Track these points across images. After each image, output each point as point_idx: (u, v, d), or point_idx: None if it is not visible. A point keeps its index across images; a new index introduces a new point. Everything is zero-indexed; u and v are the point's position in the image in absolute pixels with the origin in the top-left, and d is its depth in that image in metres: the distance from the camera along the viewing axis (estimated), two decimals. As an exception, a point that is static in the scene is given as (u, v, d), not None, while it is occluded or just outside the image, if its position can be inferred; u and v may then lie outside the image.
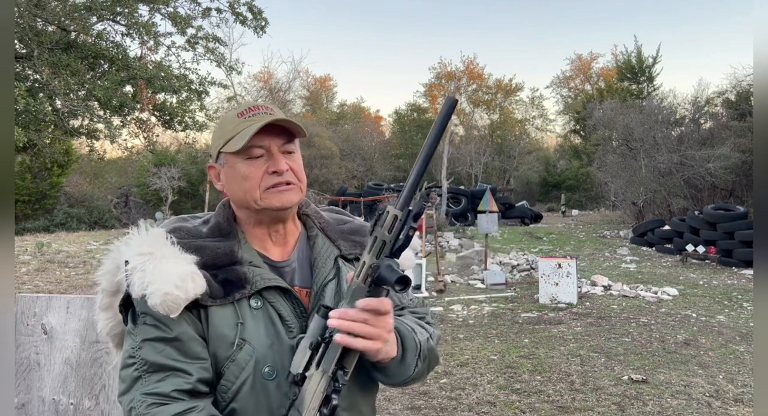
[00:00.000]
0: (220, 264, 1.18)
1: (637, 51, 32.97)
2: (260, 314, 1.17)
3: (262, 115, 1.23)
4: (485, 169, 35.06)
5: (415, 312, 1.36)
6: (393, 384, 1.22)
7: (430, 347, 1.26)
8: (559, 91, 43.08)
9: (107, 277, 1.23)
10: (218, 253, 1.20)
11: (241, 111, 1.25)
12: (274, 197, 1.21)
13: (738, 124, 18.62)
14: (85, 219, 22.24)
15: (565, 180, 36.12)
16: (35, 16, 11.06)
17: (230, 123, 1.24)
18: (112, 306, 1.24)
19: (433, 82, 40.72)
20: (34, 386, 2.34)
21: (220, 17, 13.79)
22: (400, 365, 1.18)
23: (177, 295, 1.09)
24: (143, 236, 1.19)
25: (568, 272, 8.14)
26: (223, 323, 1.15)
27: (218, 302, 1.15)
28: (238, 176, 1.22)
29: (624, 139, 21.65)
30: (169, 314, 1.10)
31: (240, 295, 1.16)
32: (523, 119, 42.45)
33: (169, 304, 1.09)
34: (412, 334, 1.21)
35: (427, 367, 1.27)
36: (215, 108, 29.39)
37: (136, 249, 1.16)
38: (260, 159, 1.21)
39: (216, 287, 1.16)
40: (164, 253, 1.15)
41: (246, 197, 1.22)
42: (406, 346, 1.18)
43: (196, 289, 1.12)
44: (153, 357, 1.12)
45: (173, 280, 1.10)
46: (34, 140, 12.15)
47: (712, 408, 4.31)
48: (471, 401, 4.48)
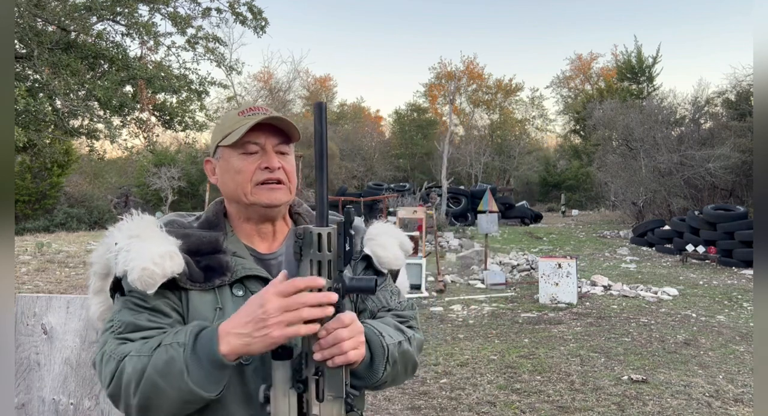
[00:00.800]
0: (204, 251, 1.23)
1: (637, 51, 32.98)
2: (241, 301, 1.17)
3: (262, 115, 1.26)
4: (485, 169, 35.06)
5: (400, 315, 1.36)
6: (366, 387, 1.22)
7: (403, 351, 1.24)
8: (559, 91, 43.13)
9: (99, 259, 1.27)
10: (203, 240, 1.24)
11: (242, 110, 1.30)
12: (264, 194, 1.25)
13: (738, 124, 18.61)
14: (85, 219, 22.23)
15: (565, 180, 36.12)
16: (35, 16, 11.06)
17: (230, 120, 1.29)
18: (104, 290, 1.28)
19: (433, 82, 40.77)
20: (34, 386, 2.34)
21: (220, 17, 13.79)
22: (369, 368, 1.18)
23: (153, 271, 1.13)
24: (135, 222, 1.25)
25: (568, 272, 8.14)
26: (203, 307, 1.19)
27: (198, 287, 1.19)
28: (231, 170, 1.27)
29: (624, 139, 21.65)
30: (146, 289, 1.13)
31: (220, 282, 1.20)
32: (523, 119, 42.48)
33: (145, 279, 1.13)
34: (380, 338, 1.19)
35: (402, 372, 1.27)
36: (215, 108, 29.40)
37: (126, 232, 1.21)
38: (254, 155, 1.26)
39: (197, 272, 1.20)
40: (150, 235, 1.20)
41: (237, 191, 1.26)
42: (372, 350, 1.17)
43: (174, 267, 1.16)
44: (129, 318, 1.16)
45: (152, 257, 1.14)
46: (34, 140, 12.15)
47: (712, 408, 4.31)
48: (471, 401, 4.48)
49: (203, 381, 1.06)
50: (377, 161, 35.92)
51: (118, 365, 1.10)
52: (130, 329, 1.15)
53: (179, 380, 1.06)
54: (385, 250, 1.38)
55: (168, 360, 1.06)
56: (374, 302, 1.35)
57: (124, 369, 1.09)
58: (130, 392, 1.08)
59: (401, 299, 1.40)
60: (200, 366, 1.06)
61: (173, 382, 1.06)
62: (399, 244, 1.42)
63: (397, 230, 1.46)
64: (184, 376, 1.05)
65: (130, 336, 1.14)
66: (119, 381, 1.10)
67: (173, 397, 1.07)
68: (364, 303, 1.35)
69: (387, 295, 1.37)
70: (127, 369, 1.09)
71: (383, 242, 1.39)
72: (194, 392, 1.06)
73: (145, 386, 1.07)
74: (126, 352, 1.11)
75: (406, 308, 1.39)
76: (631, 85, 33.21)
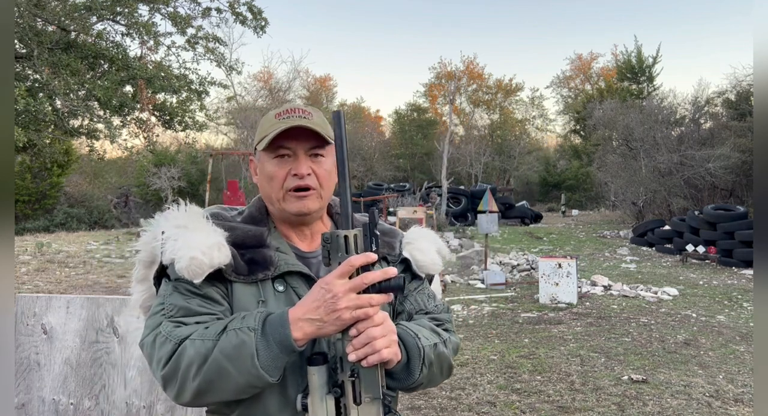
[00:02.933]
0: (249, 244, 1.26)
1: (637, 51, 32.97)
2: (282, 297, 1.23)
3: (297, 118, 1.27)
4: (485, 169, 35.05)
5: (437, 318, 1.37)
6: (402, 388, 1.23)
7: (438, 352, 1.25)
8: (559, 91, 43.12)
9: (145, 246, 1.29)
10: (248, 234, 1.27)
11: (279, 112, 1.31)
12: (292, 203, 1.27)
13: (738, 124, 18.61)
14: (85, 219, 22.22)
15: (565, 180, 36.11)
16: (35, 16, 11.06)
17: (268, 122, 1.31)
18: (147, 278, 1.31)
19: (433, 82, 40.74)
20: (34, 386, 2.34)
21: (220, 17, 13.81)
22: (405, 370, 1.19)
23: (201, 260, 1.15)
24: (181, 212, 1.27)
25: (568, 272, 8.14)
26: (246, 299, 1.21)
27: (242, 279, 1.22)
28: (265, 174, 1.30)
29: (624, 139, 21.65)
30: (193, 279, 1.16)
31: (263, 276, 1.23)
32: (523, 119, 42.46)
33: (193, 268, 1.15)
34: (415, 339, 1.21)
35: (438, 373, 1.28)
36: (215, 108, 29.44)
37: (173, 222, 1.24)
38: (287, 160, 1.27)
39: (242, 265, 1.22)
40: (197, 227, 1.23)
41: (271, 195, 1.30)
42: (409, 351, 1.19)
43: (221, 258, 1.18)
44: (182, 302, 1.18)
45: (200, 247, 1.17)
46: (34, 140, 12.15)
47: (712, 408, 4.31)
48: (471, 401, 4.48)
49: (270, 366, 1.08)
50: (377, 161, 35.90)
51: (175, 347, 1.11)
52: (183, 313, 1.17)
53: (249, 364, 1.07)
54: (424, 254, 1.40)
55: (238, 344, 1.08)
56: (412, 304, 1.37)
57: (184, 351, 1.10)
58: (190, 374, 1.10)
59: (437, 303, 1.42)
60: (270, 350, 1.08)
61: (242, 366, 1.08)
62: (437, 249, 1.44)
63: (435, 236, 1.48)
64: (254, 360, 1.07)
65: (184, 320, 1.16)
66: (176, 364, 1.11)
67: (239, 381, 1.09)
68: (401, 306, 1.37)
69: (424, 298, 1.39)
70: (188, 351, 1.10)
71: (422, 247, 1.41)
72: (261, 376, 1.08)
73: (210, 369, 1.09)
74: (184, 335, 1.12)
75: (442, 311, 1.40)
76: (631, 85, 33.20)
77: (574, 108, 38.05)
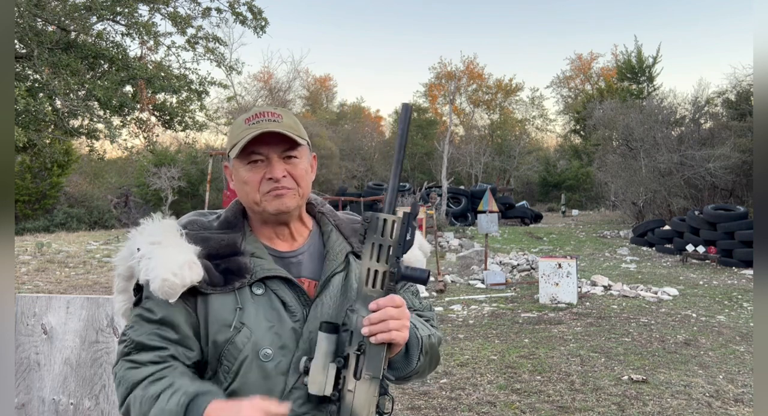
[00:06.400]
0: (223, 254, 1.27)
1: (637, 51, 32.96)
2: (262, 300, 1.25)
3: (266, 122, 1.26)
4: (485, 169, 35.06)
5: (422, 315, 1.43)
6: (397, 377, 1.27)
7: (431, 343, 1.31)
8: (559, 91, 43.16)
9: (122, 262, 1.31)
10: (221, 244, 1.28)
11: (248, 116, 1.30)
12: (270, 202, 1.28)
13: (738, 124, 18.61)
14: (85, 219, 22.22)
15: (565, 180, 36.11)
16: (35, 16, 11.05)
17: (238, 128, 1.29)
18: (127, 290, 1.33)
19: (433, 82, 40.76)
20: (34, 386, 2.34)
21: (220, 17, 13.79)
22: (404, 358, 1.24)
23: (173, 282, 1.18)
24: (156, 226, 1.29)
25: (568, 272, 8.14)
26: (223, 308, 1.23)
27: (218, 290, 1.24)
28: (240, 180, 1.30)
29: (624, 139, 21.65)
30: (168, 299, 1.20)
31: (240, 284, 1.24)
32: (523, 119, 42.49)
33: (166, 290, 1.19)
34: (414, 329, 1.25)
35: (428, 364, 1.33)
36: (215, 108, 29.43)
37: (148, 238, 1.26)
38: (261, 165, 1.27)
39: (217, 276, 1.24)
40: (170, 242, 1.24)
41: (248, 199, 1.30)
42: (408, 340, 1.22)
43: (193, 276, 1.21)
44: (138, 337, 1.23)
45: (172, 268, 1.19)
46: (34, 140, 12.13)
47: (712, 408, 4.31)
48: (471, 401, 4.48)
49: None
50: (377, 161, 35.91)
51: (127, 393, 1.20)
52: (139, 348, 1.23)
53: None
54: None
55: None
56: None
57: (131, 405, 1.19)
58: None
59: (422, 301, 1.47)
60: None
61: None
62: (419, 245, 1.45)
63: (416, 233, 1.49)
64: None
65: (137, 358, 1.22)
66: (128, 412, 1.21)
67: None
68: None
69: (410, 296, 1.43)
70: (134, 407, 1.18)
71: None
72: None
73: None
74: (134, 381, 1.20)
75: (426, 308, 1.46)
76: (631, 85, 33.19)
77: (574, 108, 38.04)
